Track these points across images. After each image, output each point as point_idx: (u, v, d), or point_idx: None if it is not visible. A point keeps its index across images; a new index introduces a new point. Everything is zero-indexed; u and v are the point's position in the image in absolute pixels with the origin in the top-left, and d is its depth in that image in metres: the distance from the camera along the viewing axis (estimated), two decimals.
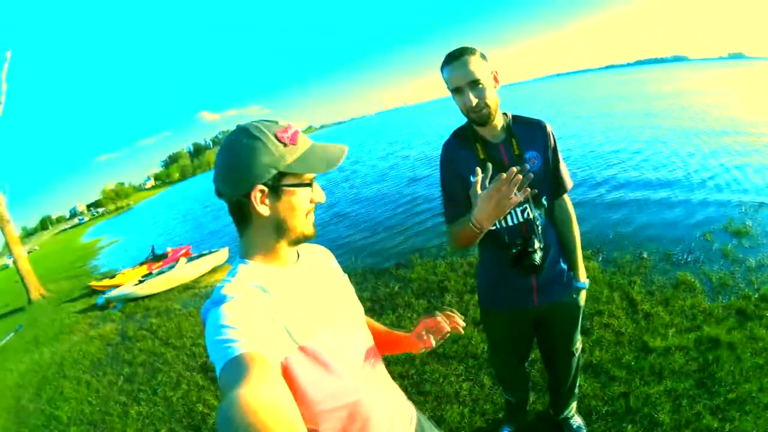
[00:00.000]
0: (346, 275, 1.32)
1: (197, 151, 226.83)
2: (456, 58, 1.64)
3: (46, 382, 6.13)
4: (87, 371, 5.92)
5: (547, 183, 1.86)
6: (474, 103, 1.65)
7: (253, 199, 0.99)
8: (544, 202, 1.85)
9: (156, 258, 11.58)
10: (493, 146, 1.79)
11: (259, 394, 0.66)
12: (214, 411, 3.97)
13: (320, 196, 1.12)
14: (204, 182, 75.24)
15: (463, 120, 1.83)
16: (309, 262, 1.18)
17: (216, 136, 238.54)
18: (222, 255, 10.62)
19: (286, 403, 0.71)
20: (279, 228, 1.04)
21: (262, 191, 0.99)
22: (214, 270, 10.26)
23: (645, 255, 4.88)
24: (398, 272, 6.13)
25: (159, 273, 10.12)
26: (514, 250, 1.75)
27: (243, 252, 1.08)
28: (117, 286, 10.08)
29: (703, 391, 2.72)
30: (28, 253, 22.22)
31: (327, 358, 1.01)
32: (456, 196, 1.84)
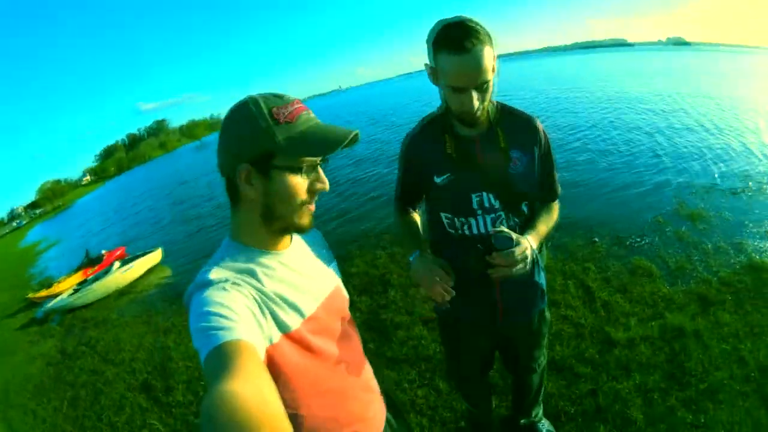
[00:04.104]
0: (335, 262, 1.28)
1: (133, 142, 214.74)
2: (469, 50, 1.23)
3: None
4: (32, 397, 5.55)
5: (531, 189, 1.57)
6: (476, 107, 1.32)
7: (238, 177, 0.95)
8: (524, 209, 1.58)
9: (91, 262, 11.21)
10: (467, 141, 1.49)
11: (244, 390, 0.63)
12: None
13: (322, 184, 1.02)
14: (139, 175, 71.73)
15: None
16: (300, 248, 1.15)
17: (150, 126, 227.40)
18: (156, 256, 10.31)
19: (271, 398, 0.67)
20: (267, 213, 0.98)
21: (248, 170, 0.94)
22: (149, 272, 9.89)
23: (596, 240, 4.79)
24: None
25: (94, 279, 9.70)
26: (479, 246, 1.43)
27: (232, 232, 1.04)
28: (55, 296, 9.69)
29: (674, 383, 2.59)
30: None
31: (313, 346, 1.01)
32: (410, 191, 1.71)
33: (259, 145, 0.93)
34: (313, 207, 1.03)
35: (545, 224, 1.60)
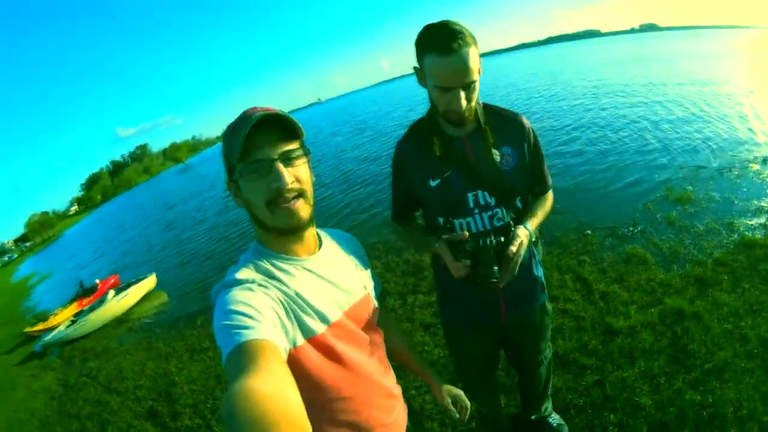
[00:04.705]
0: (370, 269, 1.31)
1: (117, 169, 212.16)
2: (456, 50, 1.27)
3: None
4: None
5: (523, 183, 1.59)
6: (463, 106, 1.35)
7: (230, 193, 1.02)
8: (519, 205, 1.60)
9: (86, 292, 11.10)
10: (456, 141, 1.51)
11: (263, 386, 0.64)
12: None
13: (276, 179, 0.95)
14: (126, 202, 71.52)
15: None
16: (329, 254, 1.15)
17: (133, 152, 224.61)
18: (150, 282, 10.20)
19: (291, 395, 0.67)
20: (255, 219, 1.02)
21: (231, 185, 1.01)
22: (145, 298, 9.79)
23: (589, 232, 4.81)
24: None
25: (90, 309, 9.60)
26: (468, 260, 1.44)
27: (255, 237, 1.07)
28: (52, 329, 9.60)
29: (679, 367, 2.59)
30: None
31: (337, 351, 1.01)
32: (406, 204, 1.72)
33: (226, 160, 0.98)
34: (293, 204, 0.98)
35: (542, 210, 1.64)
